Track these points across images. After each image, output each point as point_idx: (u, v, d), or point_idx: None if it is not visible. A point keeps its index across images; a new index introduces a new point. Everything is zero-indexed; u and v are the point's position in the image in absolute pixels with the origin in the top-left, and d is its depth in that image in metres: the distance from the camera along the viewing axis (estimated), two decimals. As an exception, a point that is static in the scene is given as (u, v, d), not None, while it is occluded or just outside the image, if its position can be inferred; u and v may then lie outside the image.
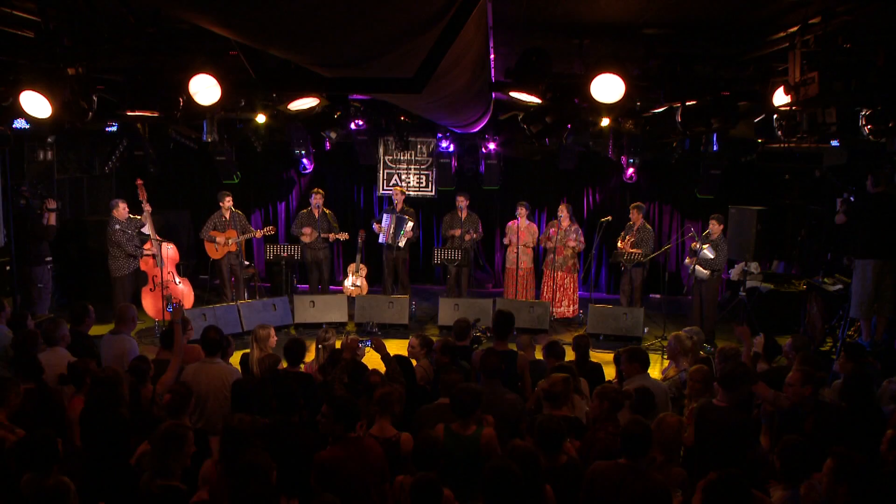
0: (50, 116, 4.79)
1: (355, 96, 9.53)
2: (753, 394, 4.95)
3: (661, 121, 5.86)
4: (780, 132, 5.27)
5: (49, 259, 9.01)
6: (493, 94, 7.37)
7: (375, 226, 10.41)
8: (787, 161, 5.75)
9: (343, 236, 10.24)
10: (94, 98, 5.36)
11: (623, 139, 10.39)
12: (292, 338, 5.71)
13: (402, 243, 10.26)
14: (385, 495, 3.91)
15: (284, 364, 5.48)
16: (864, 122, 5.18)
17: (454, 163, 11.49)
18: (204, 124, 8.32)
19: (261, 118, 10.16)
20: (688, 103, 4.91)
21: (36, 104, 4.83)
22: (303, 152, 10.86)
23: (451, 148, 11.23)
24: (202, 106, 4.68)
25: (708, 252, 8.97)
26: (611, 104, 4.49)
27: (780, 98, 4.65)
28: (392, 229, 10.19)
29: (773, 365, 5.95)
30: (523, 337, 6.49)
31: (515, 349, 6.00)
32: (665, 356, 7.84)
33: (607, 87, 4.49)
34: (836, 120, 4.90)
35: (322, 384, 5.46)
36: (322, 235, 10.17)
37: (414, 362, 5.75)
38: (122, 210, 8.96)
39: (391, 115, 10.12)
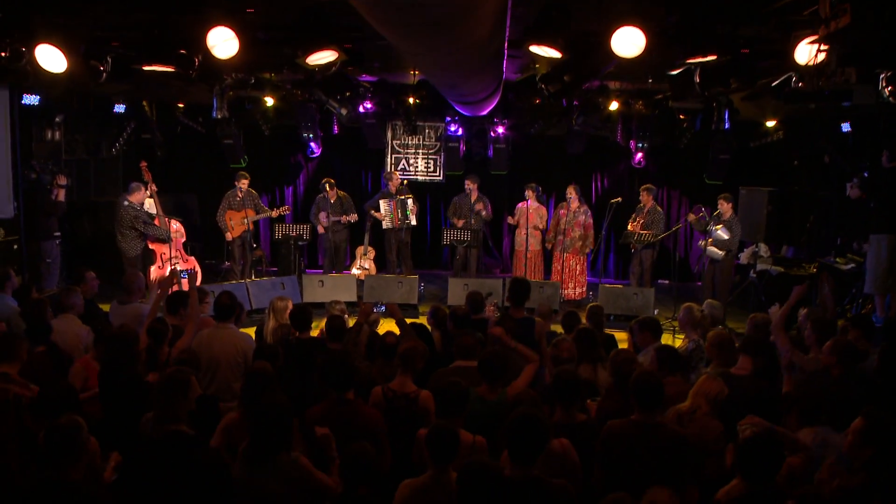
0: (65, 71, 4.78)
1: (364, 77, 9.51)
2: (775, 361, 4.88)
3: (678, 83, 5.79)
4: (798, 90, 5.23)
5: (58, 234, 8.96)
6: (505, 72, 7.35)
7: (376, 214, 10.36)
8: (814, 100, 5.75)
9: (352, 218, 10.20)
10: (109, 59, 5.38)
11: (632, 123, 10.34)
12: (297, 305, 5.70)
13: (413, 221, 10.26)
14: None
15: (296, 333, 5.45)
16: (884, 84, 5.16)
17: (462, 147, 11.41)
18: (213, 101, 8.26)
19: (269, 101, 10.18)
20: (706, 62, 4.88)
21: (51, 58, 4.84)
22: (311, 136, 10.80)
23: (460, 132, 11.14)
24: (220, 61, 4.64)
25: (722, 232, 8.91)
26: (632, 58, 4.46)
27: (802, 54, 4.62)
28: (398, 213, 10.15)
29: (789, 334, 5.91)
30: (543, 305, 6.44)
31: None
32: (675, 335, 7.80)
33: (628, 41, 4.46)
34: (855, 80, 4.86)
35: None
36: (333, 218, 10.13)
37: None
38: (139, 196, 8.86)
39: (400, 97, 10.09)
